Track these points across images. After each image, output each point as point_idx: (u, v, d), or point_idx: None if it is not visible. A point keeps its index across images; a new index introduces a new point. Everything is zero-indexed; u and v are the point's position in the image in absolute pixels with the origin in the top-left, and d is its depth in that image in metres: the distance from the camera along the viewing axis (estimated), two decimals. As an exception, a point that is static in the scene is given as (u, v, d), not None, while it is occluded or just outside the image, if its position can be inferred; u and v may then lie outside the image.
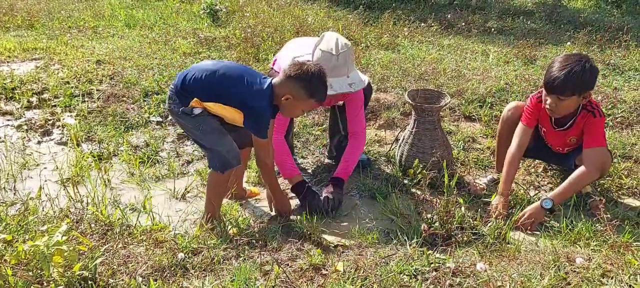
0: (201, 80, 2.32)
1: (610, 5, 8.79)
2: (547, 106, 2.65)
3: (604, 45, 5.95)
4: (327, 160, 3.39)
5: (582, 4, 9.34)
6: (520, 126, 2.86)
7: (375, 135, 3.77)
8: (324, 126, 3.49)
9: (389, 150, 3.50)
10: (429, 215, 2.57)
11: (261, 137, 2.38)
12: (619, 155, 3.36)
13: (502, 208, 2.67)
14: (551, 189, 3.04)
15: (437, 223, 2.46)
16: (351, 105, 2.93)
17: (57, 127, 3.84)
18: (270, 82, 2.35)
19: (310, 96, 2.33)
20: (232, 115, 2.36)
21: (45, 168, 3.24)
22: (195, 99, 2.33)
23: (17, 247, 1.96)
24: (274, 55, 3.84)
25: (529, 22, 7.52)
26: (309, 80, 2.30)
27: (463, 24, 7.20)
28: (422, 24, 7.01)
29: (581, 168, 2.62)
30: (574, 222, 2.52)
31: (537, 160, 3.32)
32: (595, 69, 2.55)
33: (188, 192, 2.97)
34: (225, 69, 2.36)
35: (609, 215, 2.44)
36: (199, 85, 2.33)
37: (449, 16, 7.57)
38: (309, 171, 3.28)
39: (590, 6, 9.08)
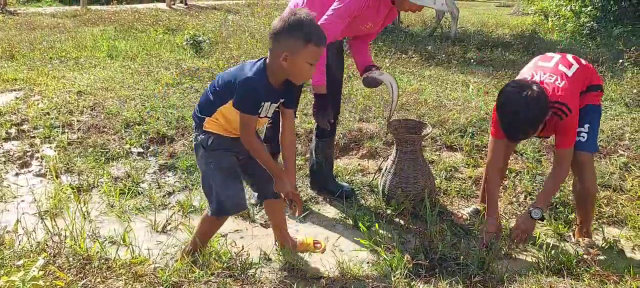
0: (206, 92, 2.33)
1: (585, 38, 9.04)
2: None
3: (580, 76, 6.08)
4: (309, 190, 3.39)
5: (558, 36, 9.60)
6: (492, 141, 2.84)
7: (358, 164, 3.78)
8: (306, 156, 3.50)
9: (372, 179, 3.50)
10: (411, 246, 2.57)
11: (241, 109, 2.19)
12: (598, 185, 3.40)
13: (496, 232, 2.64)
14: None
15: (421, 254, 2.46)
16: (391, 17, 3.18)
17: (36, 159, 3.77)
18: (264, 59, 2.23)
19: (306, 41, 2.11)
20: (234, 115, 2.24)
21: (22, 200, 3.17)
22: (206, 118, 2.30)
23: (-9, 282, 1.91)
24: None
25: (507, 54, 7.70)
26: (300, 24, 2.12)
27: (443, 55, 7.34)
28: (403, 56, 7.13)
29: (555, 172, 2.65)
30: (556, 252, 2.54)
31: (518, 189, 3.35)
32: (541, 96, 2.43)
33: (169, 224, 2.93)
34: (225, 73, 2.33)
35: (588, 242, 2.47)
36: (205, 97, 2.33)
37: (429, 48, 7.72)
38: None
39: (565, 38, 9.34)
